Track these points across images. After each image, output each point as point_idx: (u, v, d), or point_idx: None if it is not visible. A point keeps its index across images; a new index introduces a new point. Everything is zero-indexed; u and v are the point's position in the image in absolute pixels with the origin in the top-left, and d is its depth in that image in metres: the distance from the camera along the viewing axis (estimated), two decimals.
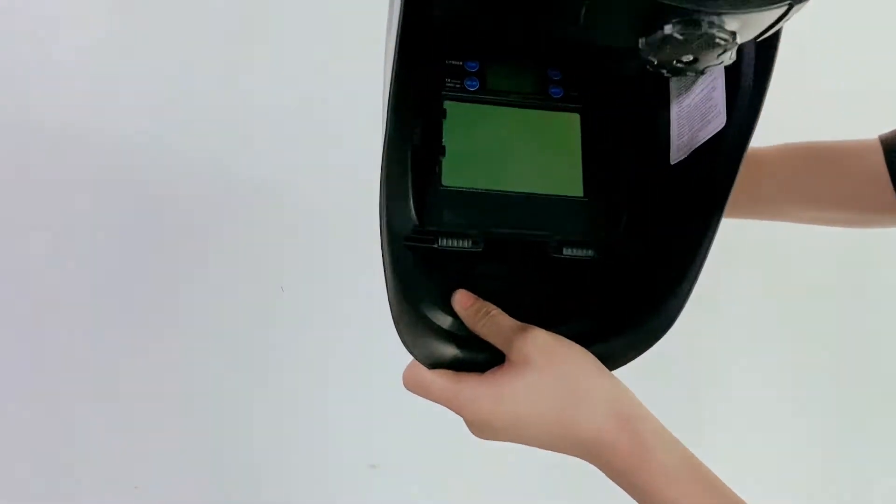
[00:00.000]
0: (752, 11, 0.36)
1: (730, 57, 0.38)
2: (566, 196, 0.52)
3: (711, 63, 0.38)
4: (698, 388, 1.23)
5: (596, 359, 0.47)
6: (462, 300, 0.50)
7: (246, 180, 1.04)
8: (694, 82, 0.49)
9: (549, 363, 0.45)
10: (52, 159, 0.96)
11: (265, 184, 1.05)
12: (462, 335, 0.50)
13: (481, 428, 0.46)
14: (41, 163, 0.96)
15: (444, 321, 0.51)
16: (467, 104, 0.52)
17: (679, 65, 0.38)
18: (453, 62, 0.53)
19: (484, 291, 0.51)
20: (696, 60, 0.38)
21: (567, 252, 0.51)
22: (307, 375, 1.10)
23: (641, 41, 0.38)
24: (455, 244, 0.50)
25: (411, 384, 0.48)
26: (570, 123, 0.53)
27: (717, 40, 0.36)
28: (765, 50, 0.44)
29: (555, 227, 0.51)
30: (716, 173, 0.47)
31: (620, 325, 0.50)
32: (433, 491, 1.17)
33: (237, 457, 1.09)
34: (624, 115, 0.54)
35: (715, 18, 0.36)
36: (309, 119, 1.05)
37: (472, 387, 0.45)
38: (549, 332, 0.47)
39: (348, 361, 1.08)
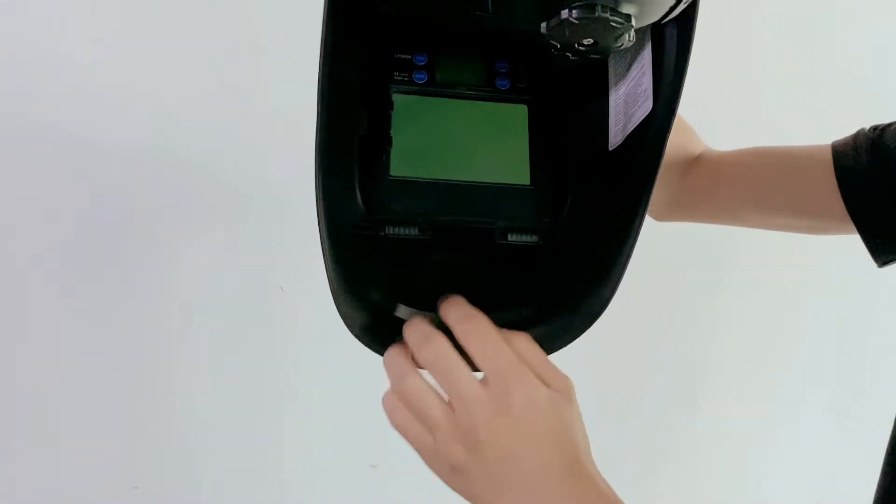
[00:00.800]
0: (643, 4, 0.38)
1: (629, 39, 0.39)
2: (513, 184, 0.53)
3: (612, 46, 0.40)
4: (697, 387, 1.23)
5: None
6: (455, 308, 0.48)
7: (246, 181, 1.04)
8: (628, 69, 0.50)
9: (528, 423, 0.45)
10: (54, 162, 0.97)
11: (266, 184, 1.05)
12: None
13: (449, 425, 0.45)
14: (43, 166, 0.96)
15: (397, 308, 0.52)
16: (415, 96, 0.53)
17: (581, 48, 0.40)
18: (402, 56, 0.53)
19: (431, 278, 0.52)
20: (595, 43, 0.39)
21: (512, 238, 0.52)
22: (307, 375, 1.10)
23: (543, 25, 0.39)
24: (401, 232, 0.51)
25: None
26: (517, 114, 0.54)
27: (613, 23, 0.37)
28: (684, 31, 0.45)
29: (501, 214, 0.52)
30: (643, 156, 0.49)
31: (558, 308, 0.51)
32: (433, 491, 1.16)
33: (236, 457, 1.09)
34: (569, 104, 0.55)
35: (610, 2, 0.37)
36: (309, 120, 1.05)
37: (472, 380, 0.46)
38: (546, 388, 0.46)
39: (348, 361, 1.08)
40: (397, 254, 0.52)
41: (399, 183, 0.51)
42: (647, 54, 0.47)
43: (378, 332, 0.51)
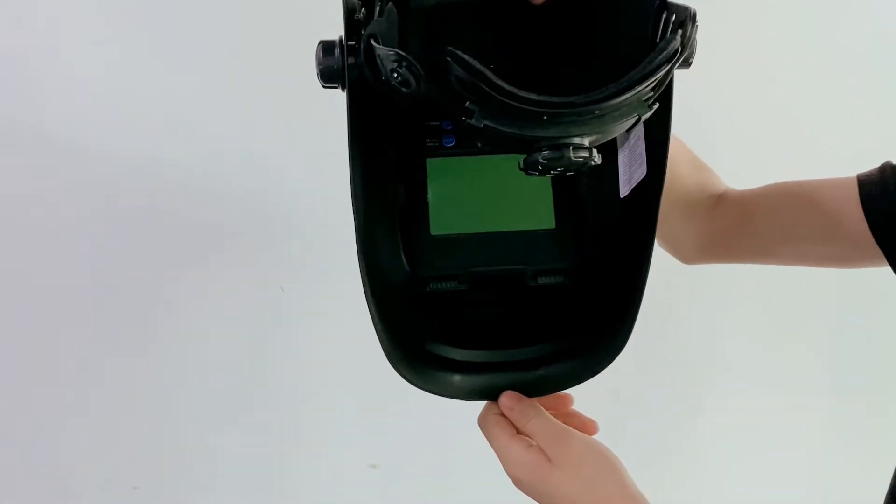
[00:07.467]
0: (605, 133, 0.45)
1: (594, 163, 0.45)
2: (539, 229, 0.58)
3: (580, 168, 0.46)
4: (696, 391, 1.23)
5: (619, 467, 0.52)
6: (507, 401, 0.55)
7: (247, 182, 1.04)
8: (629, 134, 0.55)
9: (579, 470, 0.52)
10: (64, 168, 0.97)
11: (266, 185, 1.05)
12: (477, 362, 0.57)
13: (517, 480, 0.53)
14: (52, 173, 0.96)
15: (452, 353, 0.57)
16: (446, 158, 0.58)
17: (553, 173, 0.47)
18: (432, 123, 0.58)
19: (469, 321, 0.58)
20: (565, 169, 0.46)
21: (542, 280, 0.57)
22: (307, 375, 1.10)
23: (519, 161, 0.46)
24: (443, 286, 0.57)
25: (483, 424, 0.56)
26: None
27: (579, 157, 0.44)
28: (663, 112, 0.49)
29: (531, 258, 0.58)
30: (644, 212, 0.54)
31: (581, 346, 0.56)
32: (433, 491, 1.17)
33: (236, 457, 1.09)
34: None
35: (575, 141, 0.43)
36: (309, 123, 1.05)
37: (523, 452, 0.53)
38: (586, 438, 0.54)
39: (348, 361, 1.08)
40: (441, 303, 0.58)
41: (439, 240, 0.57)
42: (640, 125, 0.51)
43: (427, 372, 0.56)
